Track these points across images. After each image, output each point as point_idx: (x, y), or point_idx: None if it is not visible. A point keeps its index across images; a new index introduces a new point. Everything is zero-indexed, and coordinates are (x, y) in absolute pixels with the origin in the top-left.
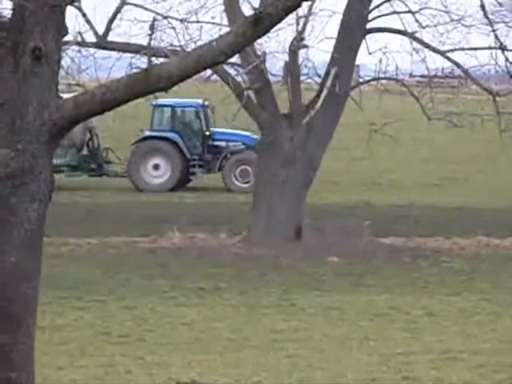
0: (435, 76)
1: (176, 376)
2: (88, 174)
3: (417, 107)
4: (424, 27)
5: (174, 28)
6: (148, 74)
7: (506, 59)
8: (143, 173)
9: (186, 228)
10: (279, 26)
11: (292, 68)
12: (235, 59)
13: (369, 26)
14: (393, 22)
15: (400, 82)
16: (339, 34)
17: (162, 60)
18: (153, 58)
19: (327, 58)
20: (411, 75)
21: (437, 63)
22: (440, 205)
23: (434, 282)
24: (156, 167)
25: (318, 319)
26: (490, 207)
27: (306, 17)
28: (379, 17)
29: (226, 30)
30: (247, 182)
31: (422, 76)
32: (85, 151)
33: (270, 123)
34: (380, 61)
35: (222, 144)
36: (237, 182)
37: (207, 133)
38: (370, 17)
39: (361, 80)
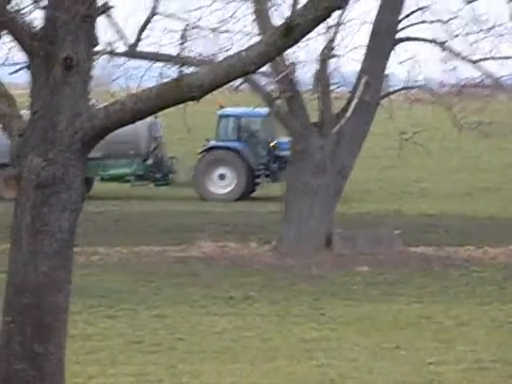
0: (466, 85)
1: None
2: (154, 183)
3: (447, 117)
4: (455, 36)
5: (204, 37)
6: (179, 83)
7: None
8: (209, 183)
9: (217, 237)
10: (309, 35)
11: (322, 77)
12: (266, 68)
13: (399, 35)
14: (423, 31)
15: (430, 92)
16: (369, 43)
17: (192, 69)
18: (183, 68)
19: (357, 67)
20: (442, 84)
21: (467, 72)
22: (471, 214)
23: (465, 291)
24: (222, 177)
25: (349, 328)
26: None
27: (336, 26)
28: (409, 26)
29: (256, 39)
30: None
31: (452, 85)
32: (150, 161)
33: (301, 132)
34: (410, 70)
35: (288, 154)
36: None
37: (273, 142)
38: (400, 26)
39: (391, 89)
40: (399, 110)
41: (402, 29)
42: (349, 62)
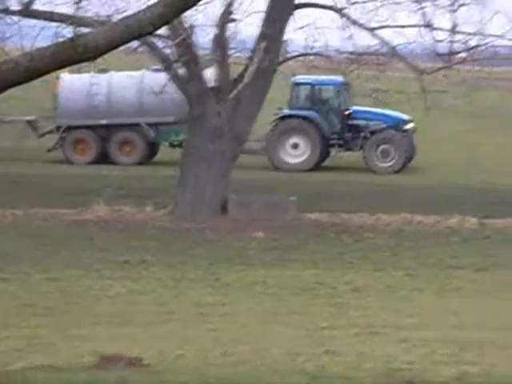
0: (363, 53)
1: (100, 349)
2: None
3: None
4: (353, 3)
5: None
6: (74, 43)
7: (433, 37)
8: (281, 152)
9: (112, 201)
10: None
11: (220, 42)
12: (163, 31)
13: (297, 0)
14: None
15: (328, 59)
16: (268, 8)
17: (88, 30)
18: (79, 28)
19: (256, 32)
20: (339, 52)
21: (365, 40)
22: (365, 181)
23: (359, 257)
24: (295, 146)
25: (243, 293)
26: (415, 184)
27: None
28: None
29: (153, 1)
30: (389, 162)
31: (349, 53)
32: None
33: (198, 97)
34: (308, 36)
35: (362, 123)
36: (378, 163)
37: (347, 111)
38: None
39: (289, 55)
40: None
41: None
42: (247, 27)
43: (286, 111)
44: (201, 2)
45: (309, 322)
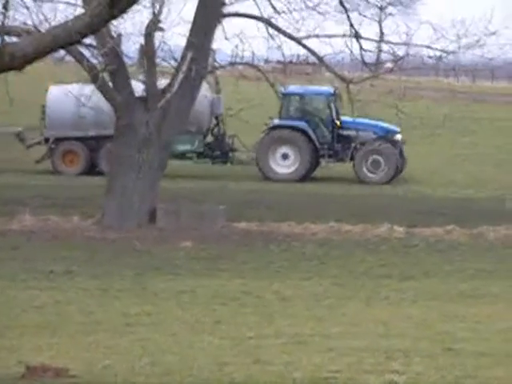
0: (290, 62)
1: (26, 359)
2: (212, 161)
3: (272, 93)
4: (280, 13)
5: (27, 7)
6: (1, 52)
7: (361, 47)
8: (272, 162)
9: (38, 210)
10: (135, 7)
11: (148, 51)
12: (90, 40)
13: (225, 10)
14: (249, 7)
15: (256, 68)
16: (195, 17)
17: (15, 39)
18: (6, 37)
19: (183, 41)
20: (267, 61)
21: (292, 50)
22: (293, 190)
23: (286, 266)
24: (285, 157)
25: (171, 303)
26: (342, 193)
27: None
28: (236, 1)
29: (80, 10)
30: (379, 173)
31: (277, 62)
32: (210, 138)
33: (125, 106)
34: (236, 46)
35: (353, 133)
36: (368, 173)
37: (337, 122)
38: (227, 1)
39: (217, 65)
40: (225, 85)
41: (229, 4)
42: (175, 36)
43: (276, 121)
44: (129, 11)
45: (235, 331)
